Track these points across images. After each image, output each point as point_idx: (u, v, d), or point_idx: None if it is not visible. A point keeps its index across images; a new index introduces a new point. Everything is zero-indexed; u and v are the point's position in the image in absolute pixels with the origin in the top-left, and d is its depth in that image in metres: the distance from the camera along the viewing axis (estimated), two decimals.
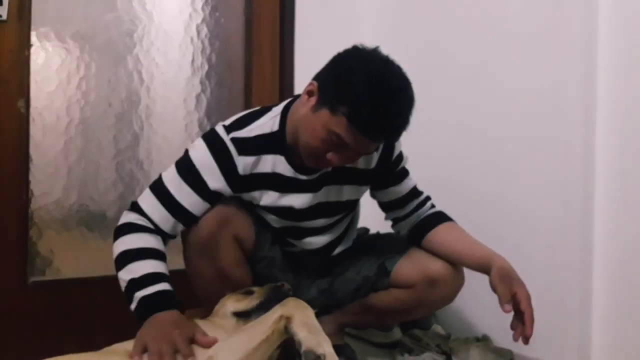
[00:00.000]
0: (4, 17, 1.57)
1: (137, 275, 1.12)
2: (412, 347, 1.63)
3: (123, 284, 1.14)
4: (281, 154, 1.27)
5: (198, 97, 1.93)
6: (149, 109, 1.84)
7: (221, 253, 1.27)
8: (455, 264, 1.37)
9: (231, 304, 1.18)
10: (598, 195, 1.49)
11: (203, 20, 1.93)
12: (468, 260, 1.32)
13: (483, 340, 1.66)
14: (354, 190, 1.37)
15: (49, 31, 1.67)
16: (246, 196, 1.30)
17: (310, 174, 1.28)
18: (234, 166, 1.24)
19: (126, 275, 1.13)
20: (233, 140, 1.23)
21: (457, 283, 1.41)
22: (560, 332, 1.53)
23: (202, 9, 1.93)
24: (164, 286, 1.12)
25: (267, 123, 1.27)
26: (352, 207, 1.44)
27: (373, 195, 1.45)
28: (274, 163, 1.27)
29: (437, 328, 1.74)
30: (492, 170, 1.72)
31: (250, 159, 1.25)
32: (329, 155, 1.16)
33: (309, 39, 2.04)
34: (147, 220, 1.21)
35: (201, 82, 1.93)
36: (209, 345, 1.02)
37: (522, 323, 1.15)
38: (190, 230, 1.27)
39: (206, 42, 1.94)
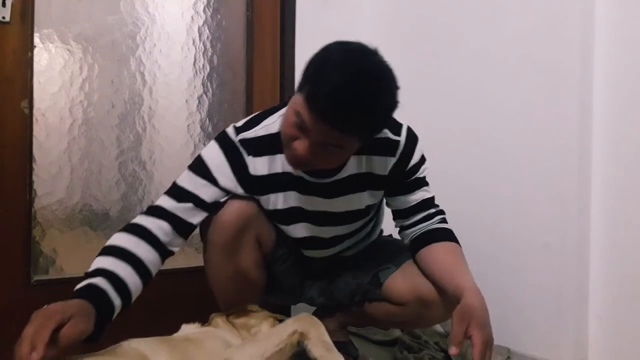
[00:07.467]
0: (7, 18, 1.58)
1: (91, 268, 1.09)
2: (411, 345, 1.65)
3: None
4: None
5: (200, 98, 1.93)
6: (151, 110, 1.85)
7: (243, 254, 1.26)
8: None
9: (268, 329, 1.17)
10: (594, 192, 1.51)
11: (205, 22, 1.94)
12: (445, 285, 1.23)
13: None
14: (373, 195, 1.34)
15: (52, 33, 1.68)
16: (263, 200, 1.27)
17: (321, 177, 1.24)
18: (244, 166, 1.22)
19: (91, 265, 1.10)
20: (241, 141, 1.22)
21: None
22: (556, 329, 1.55)
23: (204, 11, 1.94)
24: (96, 280, 1.05)
25: (275, 122, 1.23)
26: (370, 212, 1.39)
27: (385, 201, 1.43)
28: (283, 162, 1.21)
29: (436, 326, 1.75)
30: (489, 167, 1.73)
31: (261, 160, 1.23)
32: (295, 143, 1.07)
33: (310, 41, 2.02)
34: (155, 218, 1.18)
35: (203, 84, 1.94)
36: (67, 337, 0.90)
37: None
38: (213, 229, 1.25)
39: (208, 44, 1.94)
